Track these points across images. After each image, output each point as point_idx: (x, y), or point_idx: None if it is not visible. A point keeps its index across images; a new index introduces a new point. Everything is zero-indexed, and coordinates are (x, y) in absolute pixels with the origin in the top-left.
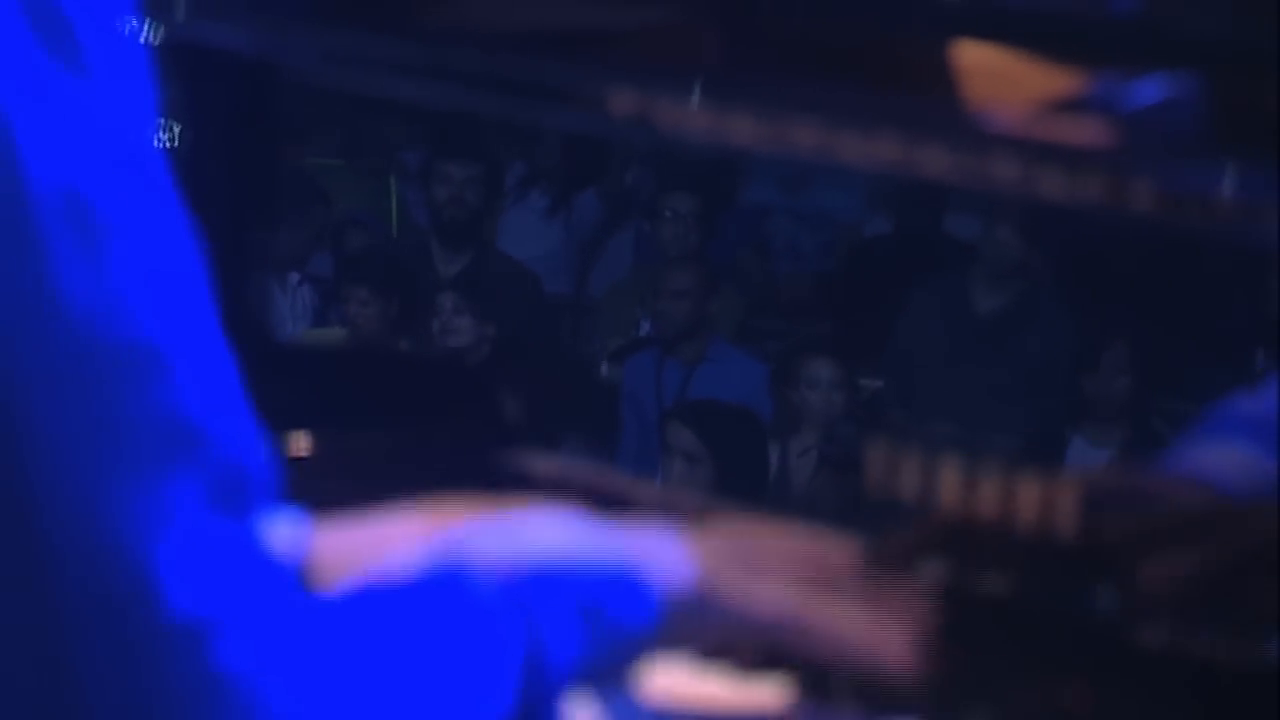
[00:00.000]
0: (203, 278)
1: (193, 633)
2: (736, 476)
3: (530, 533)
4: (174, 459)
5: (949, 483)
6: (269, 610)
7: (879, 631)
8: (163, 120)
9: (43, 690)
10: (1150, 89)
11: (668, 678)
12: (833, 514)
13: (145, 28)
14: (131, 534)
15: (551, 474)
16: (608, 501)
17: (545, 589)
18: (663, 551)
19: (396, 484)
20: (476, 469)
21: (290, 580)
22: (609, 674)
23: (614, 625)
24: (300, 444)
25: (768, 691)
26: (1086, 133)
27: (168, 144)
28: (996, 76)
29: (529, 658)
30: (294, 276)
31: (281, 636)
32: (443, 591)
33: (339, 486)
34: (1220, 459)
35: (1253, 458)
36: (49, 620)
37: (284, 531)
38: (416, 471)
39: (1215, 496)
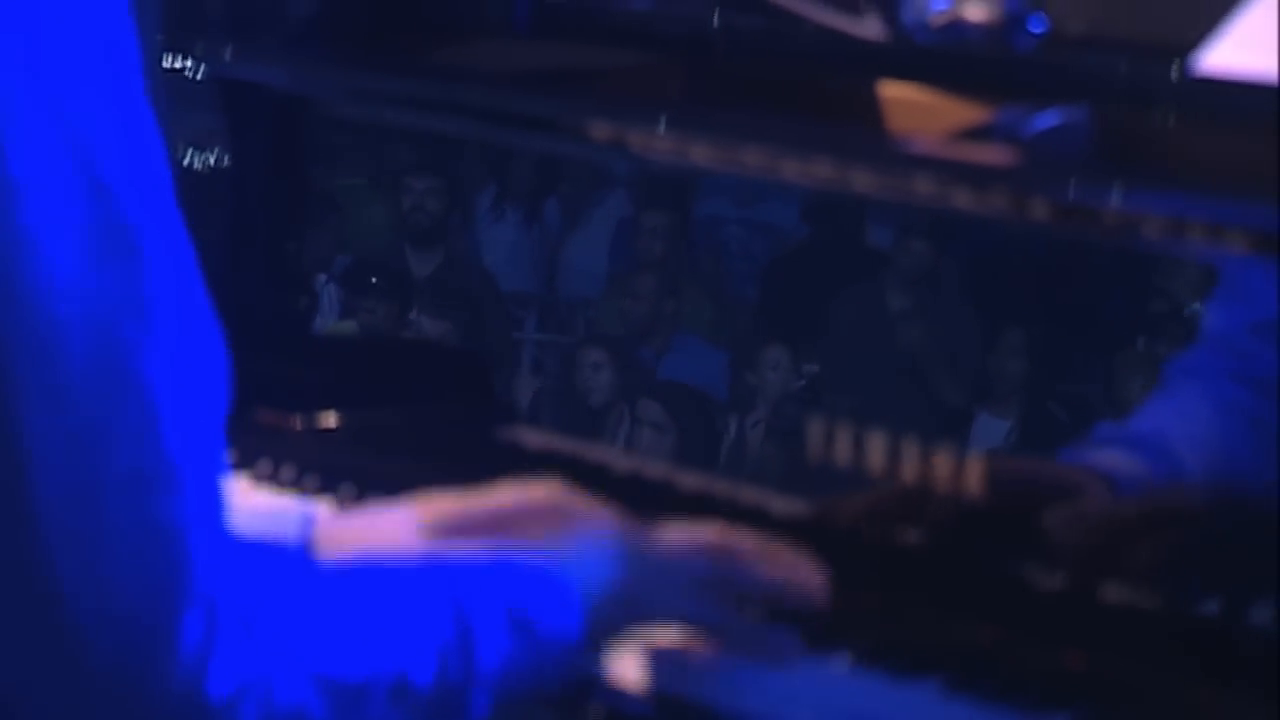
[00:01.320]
0: (166, 172)
1: (140, 483)
2: (697, 445)
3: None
4: (134, 331)
5: (875, 451)
6: (209, 471)
7: (814, 581)
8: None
9: (5, 525)
10: (1047, 118)
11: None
12: (777, 476)
13: (199, 67)
14: (91, 393)
15: (537, 445)
16: (585, 469)
17: (479, 592)
18: (592, 555)
19: (406, 453)
20: (473, 440)
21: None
22: (541, 678)
23: (543, 633)
24: (327, 419)
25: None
26: (993, 155)
27: (215, 163)
28: (916, 108)
29: (454, 646)
30: (321, 277)
31: (218, 496)
32: (381, 567)
33: (359, 455)
34: (1105, 459)
35: (1130, 461)
36: (10, 460)
37: (294, 513)
38: (423, 442)
39: (1100, 480)
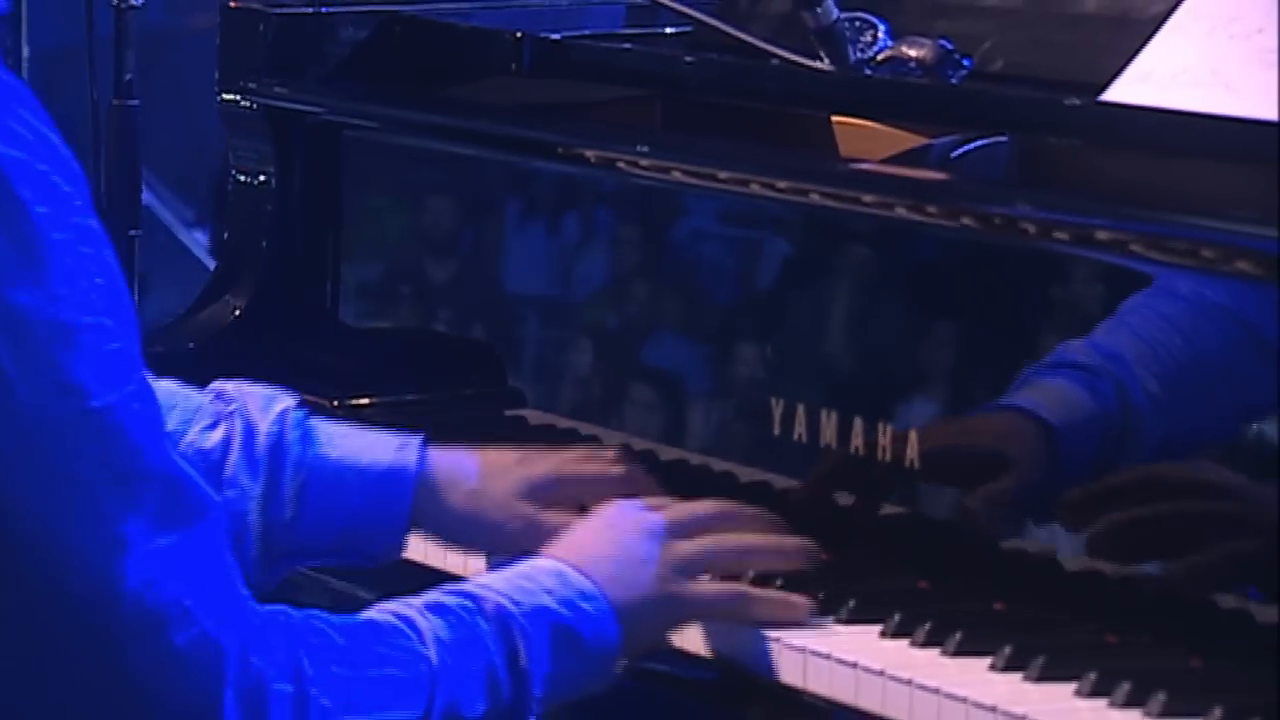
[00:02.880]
0: (135, 341)
1: (149, 624)
2: (679, 422)
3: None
4: (121, 494)
5: (828, 429)
6: (219, 602)
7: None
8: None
9: (19, 671)
10: (974, 141)
11: None
12: (744, 451)
13: (252, 99)
14: (89, 551)
15: (543, 424)
16: (586, 443)
17: (524, 609)
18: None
19: (426, 431)
20: (487, 422)
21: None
22: (583, 686)
23: (584, 643)
24: (358, 401)
25: None
26: (927, 174)
27: (264, 179)
28: (863, 134)
29: (503, 668)
30: (352, 278)
31: (232, 623)
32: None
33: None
34: (1040, 392)
35: (1066, 387)
36: (22, 614)
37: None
38: (441, 421)
39: (1031, 421)
